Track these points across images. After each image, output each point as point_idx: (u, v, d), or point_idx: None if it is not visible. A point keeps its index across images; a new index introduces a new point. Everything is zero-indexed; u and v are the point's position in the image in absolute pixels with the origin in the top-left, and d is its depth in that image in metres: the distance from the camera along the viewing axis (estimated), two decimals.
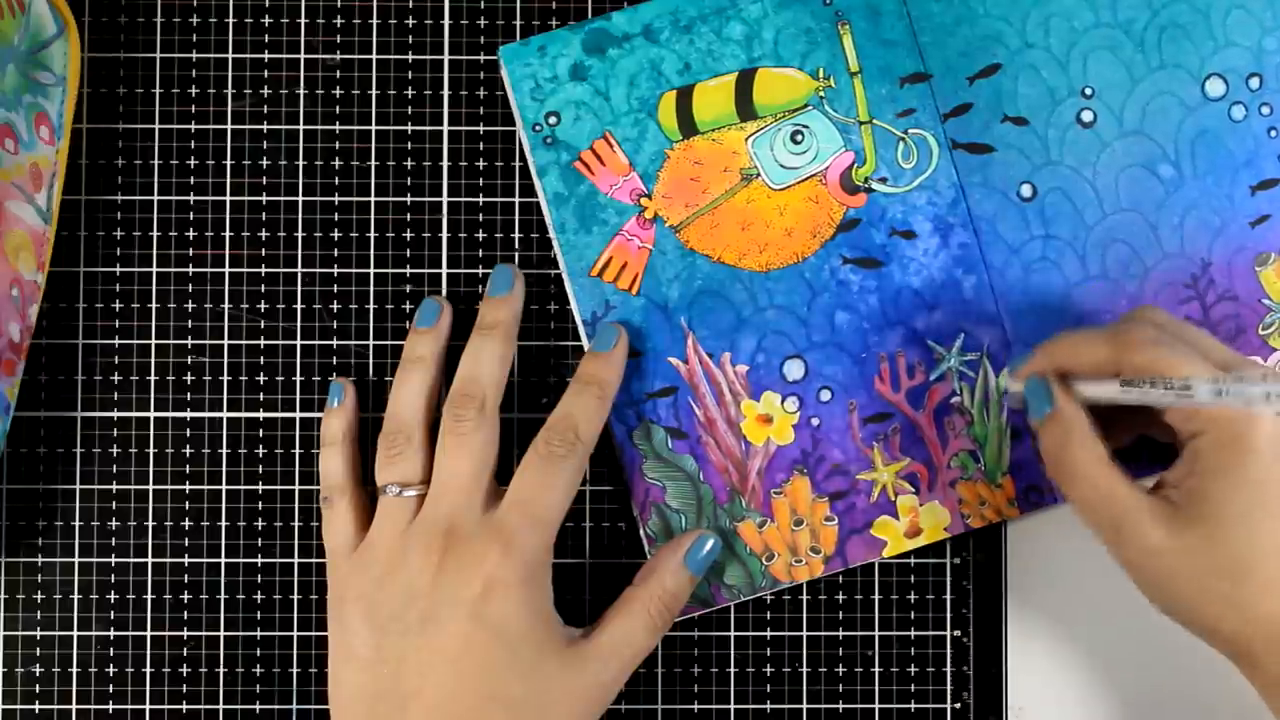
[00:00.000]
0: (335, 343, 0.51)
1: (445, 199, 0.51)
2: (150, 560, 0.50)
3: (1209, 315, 0.50)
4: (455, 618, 0.44)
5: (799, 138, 0.50)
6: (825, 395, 0.50)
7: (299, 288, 0.51)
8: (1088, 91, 0.50)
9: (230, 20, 0.50)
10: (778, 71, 0.50)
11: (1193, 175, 0.50)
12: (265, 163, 0.51)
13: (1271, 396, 0.40)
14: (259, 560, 0.51)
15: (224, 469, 0.51)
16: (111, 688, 0.50)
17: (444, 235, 0.51)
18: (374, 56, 0.51)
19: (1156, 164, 0.50)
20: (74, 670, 0.50)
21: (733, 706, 0.51)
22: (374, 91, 0.51)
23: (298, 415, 0.51)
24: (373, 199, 0.51)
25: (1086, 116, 0.50)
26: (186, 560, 0.50)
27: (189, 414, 0.51)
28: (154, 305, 0.51)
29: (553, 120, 0.50)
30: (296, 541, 0.51)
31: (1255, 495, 0.41)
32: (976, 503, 0.50)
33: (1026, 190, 0.50)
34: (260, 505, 0.51)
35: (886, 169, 0.50)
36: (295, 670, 0.50)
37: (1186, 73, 0.50)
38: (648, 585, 0.47)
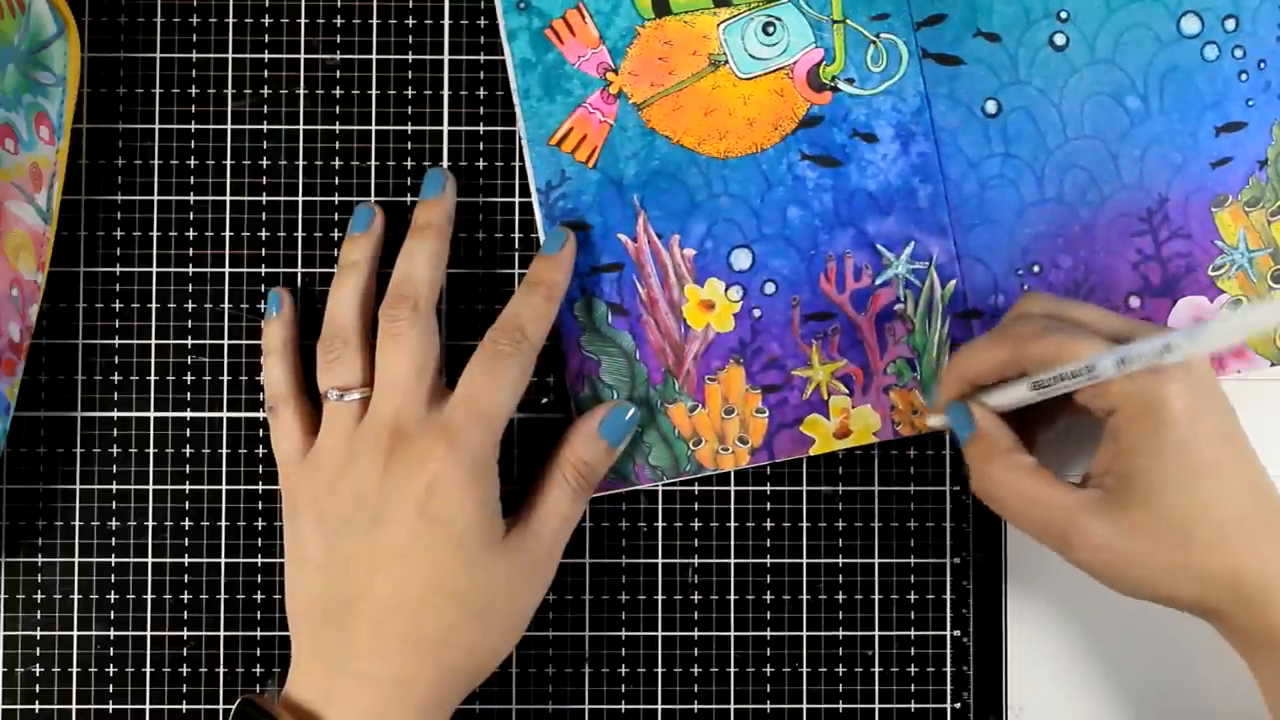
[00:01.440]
0: None
1: None
2: (150, 560, 0.50)
3: (1160, 251, 0.51)
4: (402, 515, 0.44)
5: (771, 29, 0.50)
6: (770, 288, 0.50)
7: (299, 287, 0.51)
8: (1063, 15, 0.50)
9: (230, 20, 0.50)
10: None
11: (1159, 110, 0.51)
12: (265, 163, 0.51)
13: (1170, 347, 0.40)
14: (259, 560, 0.51)
15: (224, 469, 0.51)
16: (111, 688, 0.50)
17: None
18: (374, 56, 0.51)
19: (1124, 95, 0.51)
20: (74, 670, 0.50)
21: (733, 706, 0.51)
22: (374, 91, 0.51)
23: None
24: (373, 199, 0.51)
25: (1059, 40, 0.50)
26: (186, 560, 0.50)
27: (189, 414, 0.51)
28: (154, 305, 0.51)
29: None
30: None
31: (1177, 460, 0.41)
32: (908, 411, 0.50)
33: (991, 106, 0.50)
34: (260, 505, 0.51)
35: (854, 70, 0.50)
36: None
37: (1163, 7, 0.50)
38: (561, 452, 0.48)
